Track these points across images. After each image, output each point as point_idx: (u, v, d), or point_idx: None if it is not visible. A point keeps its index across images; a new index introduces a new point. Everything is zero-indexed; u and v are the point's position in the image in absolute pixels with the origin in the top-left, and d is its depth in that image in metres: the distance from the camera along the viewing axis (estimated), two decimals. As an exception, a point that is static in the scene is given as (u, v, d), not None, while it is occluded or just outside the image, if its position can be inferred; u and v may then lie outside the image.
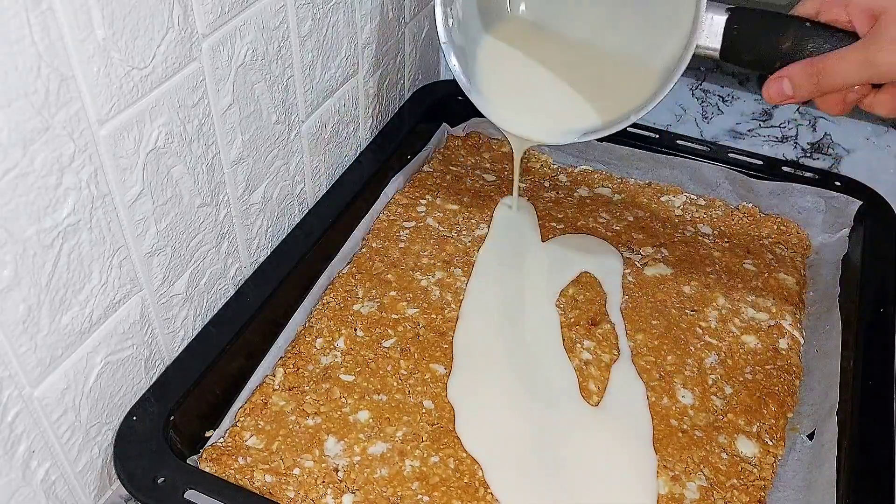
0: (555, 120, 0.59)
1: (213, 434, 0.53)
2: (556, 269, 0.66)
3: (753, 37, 0.49)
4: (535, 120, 0.60)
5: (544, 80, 0.60)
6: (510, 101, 0.61)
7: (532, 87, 0.61)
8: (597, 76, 0.60)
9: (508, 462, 0.52)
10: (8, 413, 0.43)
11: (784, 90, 0.48)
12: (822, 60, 0.47)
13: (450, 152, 0.79)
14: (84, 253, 0.45)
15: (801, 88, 0.48)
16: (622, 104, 0.56)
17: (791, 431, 0.55)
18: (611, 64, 0.59)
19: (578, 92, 0.59)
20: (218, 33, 0.50)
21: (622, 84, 0.57)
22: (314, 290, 0.62)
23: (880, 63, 0.45)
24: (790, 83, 0.48)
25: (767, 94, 0.49)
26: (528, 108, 0.60)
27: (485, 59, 0.61)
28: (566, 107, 0.59)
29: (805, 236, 0.71)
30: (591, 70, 0.60)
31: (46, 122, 0.39)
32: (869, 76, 0.46)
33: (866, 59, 0.45)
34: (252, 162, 0.58)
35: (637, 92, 0.55)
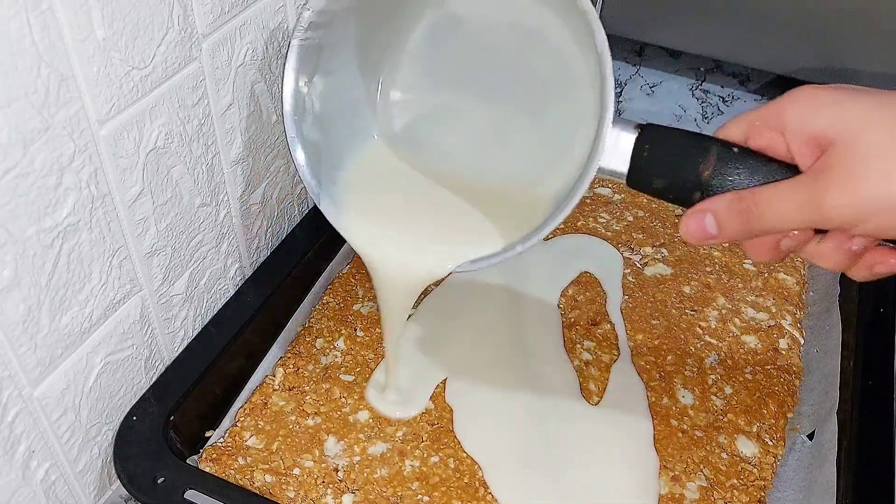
0: (432, 250, 0.49)
1: (213, 434, 0.53)
2: (556, 269, 0.66)
3: (667, 161, 0.40)
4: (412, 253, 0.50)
5: (420, 206, 0.51)
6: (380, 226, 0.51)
7: (406, 214, 0.51)
8: (485, 203, 0.51)
9: (508, 462, 0.52)
10: (8, 413, 0.43)
11: (706, 228, 0.39)
12: (753, 195, 0.37)
13: (450, 152, 0.79)
14: (84, 253, 0.45)
15: (726, 228, 0.38)
16: (512, 231, 0.48)
17: (791, 431, 0.55)
18: (501, 187, 0.51)
19: (463, 219, 0.50)
20: (218, 33, 0.50)
21: (513, 211, 0.49)
22: (314, 290, 0.62)
23: (827, 205, 0.35)
24: (713, 220, 0.38)
25: (686, 230, 0.39)
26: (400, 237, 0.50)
27: (346, 182, 0.52)
28: (450, 236, 0.50)
29: (805, 236, 0.71)
30: (477, 196, 0.51)
31: (46, 122, 0.39)
32: (812, 220, 0.36)
33: (810, 200, 0.35)
34: (252, 162, 0.58)
35: (529, 218, 0.46)
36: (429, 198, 0.51)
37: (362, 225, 0.50)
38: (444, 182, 0.52)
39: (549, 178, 0.48)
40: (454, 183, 0.52)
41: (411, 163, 0.53)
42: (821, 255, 0.38)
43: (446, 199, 0.51)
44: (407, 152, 0.53)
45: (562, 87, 0.49)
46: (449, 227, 0.50)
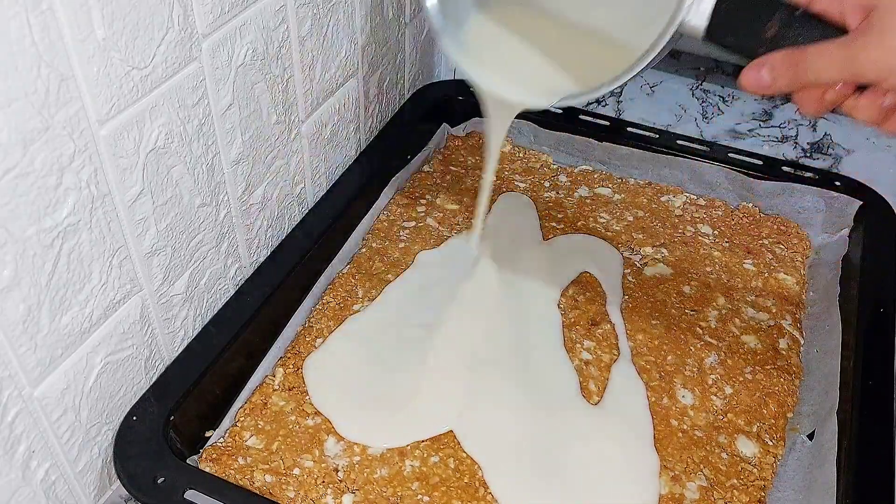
0: (533, 84, 0.56)
1: (213, 434, 0.53)
2: (556, 269, 0.66)
3: (740, 20, 0.47)
4: (514, 82, 0.57)
5: (527, 49, 0.58)
6: (490, 63, 0.57)
7: (513, 55, 0.58)
8: (580, 50, 0.57)
9: (508, 462, 0.52)
10: (8, 413, 0.43)
11: (762, 78, 0.45)
12: (802, 51, 0.43)
13: (450, 152, 0.79)
14: (84, 253, 0.45)
15: (778, 79, 0.44)
16: (603, 74, 0.53)
17: (791, 431, 0.55)
18: (595, 39, 0.57)
19: (560, 62, 0.57)
20: (218, 33, 0.50)
21: (605, 57, 0.55)
22: (314, 290, 0.62)
23: (863, 61, 0.40)
24: (768, 72, 0.44)
25: (745, 81, 0.45)
26: (506, 71, 0.57)
27: (469, 23, 0.58)
28: (546, 73, 0.56)
29: (805, 236, 0.71)
30: (574, 45, 0.57)
31: (46, 122, 0.39)
32: (850, 74, 0.41)
33: (848, 56, 0.41)
34: (252, 162, 0.59)
35: (618, 63, 0.52)
36: (536, 41, 0.57)
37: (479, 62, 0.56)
38: (552, 28, 0.57)
39: (641, 34, 0.52)
40: (560, 29, 0.57)
41: (521, 18, 0.58)
42: (857, 109, 0.43)
43: (552, 42, 0.57)
44: (518, 10, 0.58)
45: None
46: (550, 65, 0.56)
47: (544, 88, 0.55)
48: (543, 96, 0.54)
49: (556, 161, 0.79)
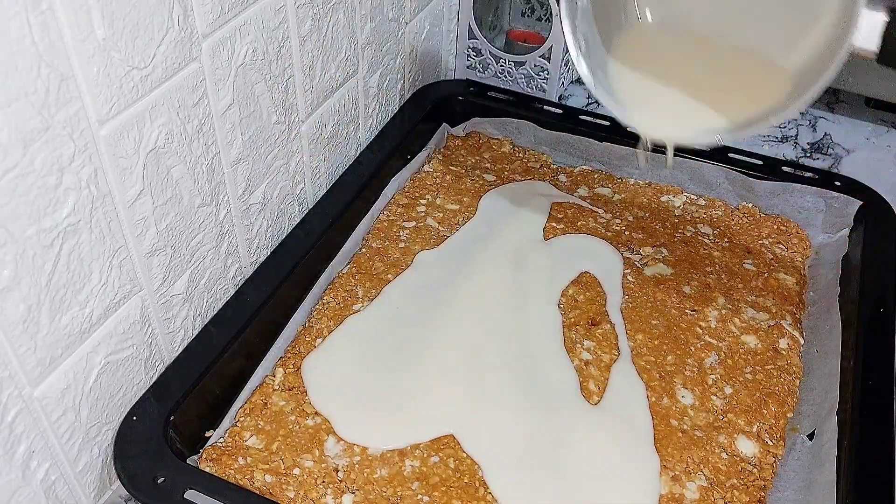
0: (691, 121, 0.55)
1: (213, 434, 0.53)
2: (556, 269, 0.66)
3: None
4: (673, 122, 0.56)
5: (676, 83, 0.56)
6: (645, 105, 0.56)
7: (665, 91, 0.57)
8: (730, 77, 0.56)
9: (508, 462, 0.52)
10: (8, 413, 0.43)
11: None
12: None
13: (450, 152, 0.80)
14: (84, 253, 0.45)
15: None
16: (760, 106, 0.52)
17: (791, 431, 0.55)
18: (745, 63, 0.56)
19: (712, 94, 0.55)
20: (218, 33, 0.50)
21: (758, 85, 0.54)
22: (314, 290, 0.62)
23: None
24: None
25: None
26: (663, 111, 0.56)
27: (613, 65, 0.57)
28: (701, 108, 0.55)
29: (805, 236, 0.71)
30: (724, 71, 0.56)
31: (46, 122, 0.39)
32: None
33: None
34: (252, 162, 0.59)
35: (775, 93, 0.52)
36: (683, 73, 0.56)
37: (634, 109, 0.55)
38: (696, 56, 0.56)
39: (793, 55, 0.52)
40: (704, 57, 0.56)
41: (664, 49, 0.58)
42: None
43: (698, 73, 0.56)
44: (659, 40, 0.58)
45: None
46: (700, 99, 0.55)
47: (701, 127, 0.54)
48: (702, 134, 0.54)
49: (556, 161, 0.79)
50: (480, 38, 0.87)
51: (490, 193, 0.74)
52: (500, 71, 0.89)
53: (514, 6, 0.95)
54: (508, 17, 0.96)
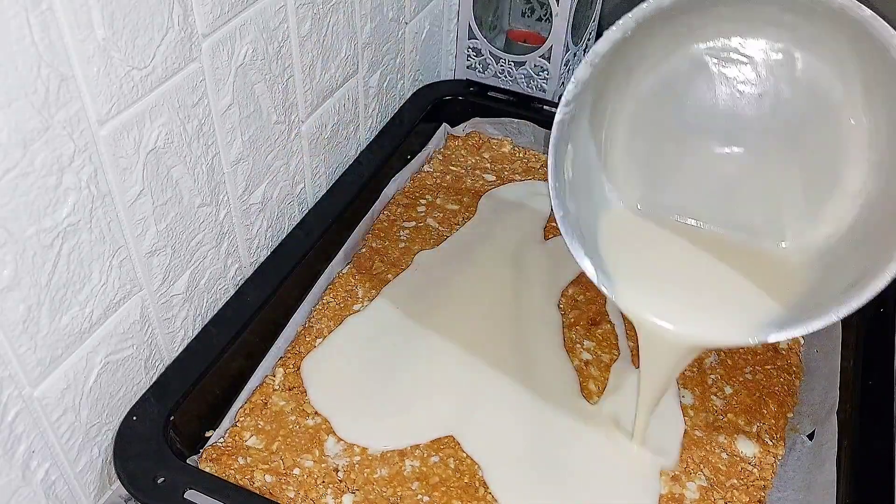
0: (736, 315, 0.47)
1: (213, 434, 0.53)
2: (556, 269, 0.66)
3: None
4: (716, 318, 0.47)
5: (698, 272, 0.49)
6: (654, 292, 0.48)
7: (691, 279, 0.49)
8: (743, 257, 0.49)
9: (508, 462, 0.52)
10: (8, 413, 0.43)
11: None
12: None
13: (450, 152, 0.80)
14: (84, 253, 0.45)
15: None
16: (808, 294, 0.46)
17: (791, 431, 0.55)
18: (756, 241, 0.49)
19: (748, 283, 0.48)
20: (218, 33, 0.50)
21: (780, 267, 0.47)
22: (314, 290, 0.62)
23: None
24: None
25: None
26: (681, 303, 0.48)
27: (611, 252, 0.50)
28: (732, 299, 0.48)
29: (805, 236, 0.71)
30: (731, 250, 0.49)
31: (46, 122, 0.39)
32: None
33: None
34: (252, 162, 0.59)
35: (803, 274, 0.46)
36: (691, 261, 0.50)
37: (641, 300, 0.48)
38: (698, 241, 0.50)
39: (814, 221, 0.46)
40: (707, 240, 0.50)
41: (659, 224, 0.51)
42: None
43: (706, 260, 0.49)
44: (652, 213, 0.51)
45: (815, 117, 0.46)
46: (723, 292, 0.48)
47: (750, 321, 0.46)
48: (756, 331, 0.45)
49: (556, 161, 0.79)
50: (480, 38, 0.87)
51: (490, 193, 0.74)
52: (500, 71, 0.89)
53: (514, 6, 0.95)
54: (508, 17, 0.96)
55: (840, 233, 0.46)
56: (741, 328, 0.45)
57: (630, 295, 0.47)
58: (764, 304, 0.46)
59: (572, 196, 0.48)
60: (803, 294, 0.46)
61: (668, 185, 0.51)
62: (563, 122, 0.46)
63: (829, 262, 0.46)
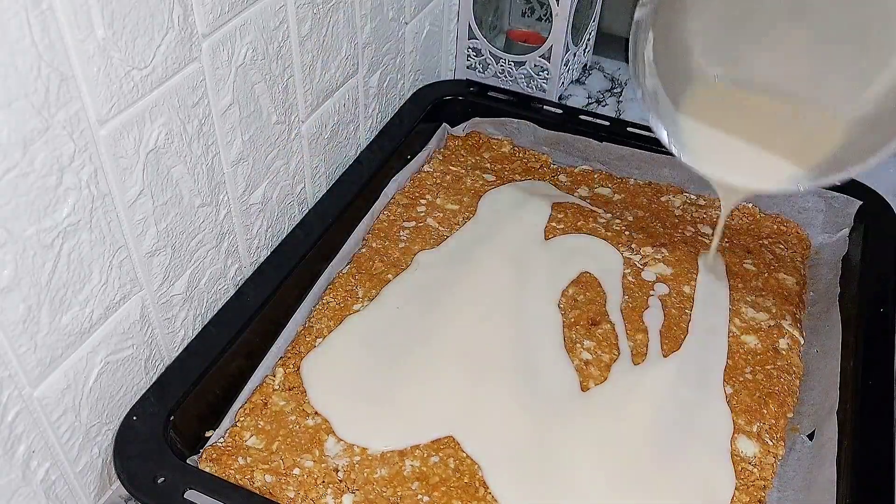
0: (771, 167, 0.55)
1: (213, 434, 0.53)
2: (556, 269, 0.66)
3: None
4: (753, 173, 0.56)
5: (752, 132, 0.56)
6: (722, 154, 0.57)
7: (740, 138, 0.57)
8: (794, 127, 0.56)
9: (508, 462, 0.52)
10: (8, 413, 0.43)
11: None
12: None
13: (450, 152, 0.80)
14: (84, 253, 0.45)
15: None
16: (836, 152, 0.52)
17: (791, 431, 0.55)
18: (806, 113, 0.55)
19: (792, 141, 0.55)
20: (218, 33, 0.50)
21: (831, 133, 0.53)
22: (314, 290, 0.62)
23: None
24: None
25: None
26: (743, 159, 0.56)
27: (686, 118, 0.57)
28: (780, 154, 0.55)
29: (805, 236, 0.71)
30: (788, 122, 0.56)
31: (46, 122, 0.39)
32: None
33: None
34: (252, 162, 0.59)
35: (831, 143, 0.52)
36: (755, 122, 0.56)
37: (706, 164, 0.56)
38: (761, 109, 0.56)
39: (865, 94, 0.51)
40: (768, 109, 0.56)
41: (734, 91, 0.57)
42: None
43: (765, 125, 0.56)
44: (728, 82, 0.57)
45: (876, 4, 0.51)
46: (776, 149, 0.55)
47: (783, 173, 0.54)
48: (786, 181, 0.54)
49: (555, 161, 0.79)
50: (480, 38, 0.88)
51: (490, 193, 0.74)
52: (500, 71, 0.89)
53: (514, 6, 0.95)
54: (508, 17, 0.96)
55: (883, 102, 0.51)
56: (779, 179, 0.54)
57: (696, 159, 0.56)
58: (803, 160, 0.53)
59: (651, 74, 0.55)
60: (839, 154, 0.52)
61: (741, 59, 0.57)
62: (641, 19, 0.53)
63: (864, 132, 0.51)
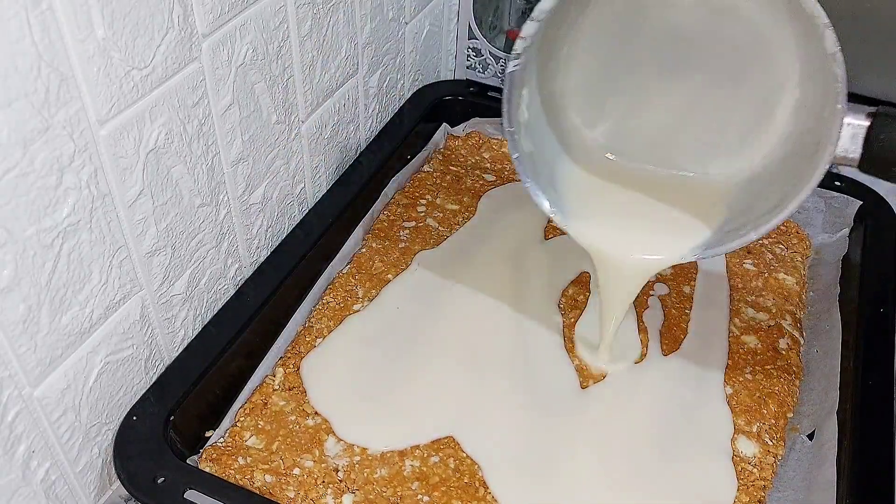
0: (661, 238, 0.53)
1: (213, 434, 0.53)
2: (556, 269, 0.66)
3: None
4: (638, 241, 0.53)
5: (637, 202, 0.54)
6: (601, 223, 0.54)
7: (626, 209, 0.54)
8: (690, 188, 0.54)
9: (508, 462, 0.52)
10: (8, 413, 0.43)
11: None
12: None
13: (450, 152, 0.80)
14: (84, 253, 0.45)
15: None
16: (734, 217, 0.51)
17: (791, 431, 0.55)
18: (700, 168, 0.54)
19: (683, 209, 0.53)
20: (218, 33, 0.50)
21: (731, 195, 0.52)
22: (314, 290, 0.62)
23: None
24: None
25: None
26: (625, 229, 0.54)
27: (567, 186, 0.54)
28: (670, 224, 0.53)
29: (805, 236, 0.71)
30: (681, 183, 0.54)
31: (46, 122, 0.39)
32: None
33: None
34: (252, 162, 0.59)
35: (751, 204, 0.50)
36: (640, 191, 0.54)
37: (593, 229, 0.54)
38: (648, 172, 0.55)
39: (750, 152, 0.51)
40: (656, 172, 0.55)
41: (616, 161, 0.55)
42: None
43: (655, 188, 0.54)
44: (603, 148, 0.56)
45: (754, 57, 0.50)
46: (666, 218, 0.53)
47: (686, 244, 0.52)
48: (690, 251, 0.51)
49: (556, 161, 0.79)
50: (480, 38, 0.87)
51: (490, 193, 0.74)
52: (500, 71, 0.89)
53: (514, 6, 0.95)
54: (508, 17, 0.96)
55: (766, 165, 0.51)
56: (675, 250, 0.52)
57: (581, 227, 0.53)
58: (696, 230, 0.52)
59: (528, 136, 0.52)
60: (730, 220, 0.51)
61: (617, 122, 0.55)
62: (514, 73, 0.48)
63: (754, 191, 0.51)
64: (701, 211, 0.53)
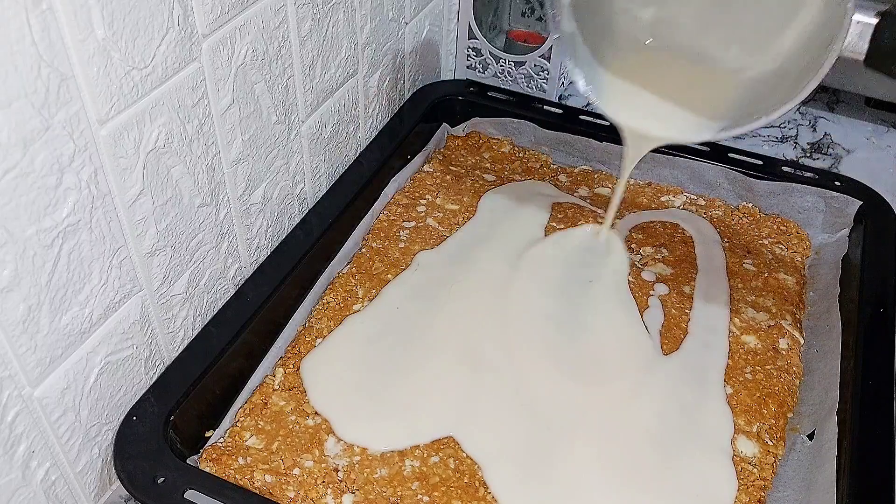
0: (683, 119, 0.57)
1: (213, 434, 0.53)
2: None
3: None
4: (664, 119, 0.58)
5: (666, 88, 0.58)
6: (636, 104, 0.58)
7: (654, 92, 0.58)
8: (720, 80, 0.57)
9: (508, 462, 0.52)
10: (8, 413, 0.43)
11: None
12: None
13: (450, 152, 0.80)
14: (84, 253, 0.45)
15: None
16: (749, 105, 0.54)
17: (791, 431, 0.55)
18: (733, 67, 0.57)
19: (703, 96, 0.57)
20: (218, 33, 0.50)
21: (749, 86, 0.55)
22: (314, 290, 0.62)
23: None
24: None
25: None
26: (653, 109, 0.58)
27: (604, 67, 0.58)
28: (691, 108, 0.57)
29: (805, 236, 0.71)
30: (713, 75, 0.57)
31: (46, 122, 0.39)
32: None
33: None
34: (252, 162, 0.59)
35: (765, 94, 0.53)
36: (670, 77, 0.58)
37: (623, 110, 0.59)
38: (682, 64, 0.58)
39: (773, 49, 0.53)
40: (688, 58, 0.57)
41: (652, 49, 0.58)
42: None
43: (684, 76, 0.58)
44: (646, 31, 0.58)
45: None
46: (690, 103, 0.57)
47: (692, 123, 0.56)
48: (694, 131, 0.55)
49: (555, 161, 0.79)
50: (480, 38, 0.87)
51: (490, 193, 0.74)
52: (500, 71, 0.89)
53: (514, 6, 0.95)
54: (508, 17, 0.96)
55: (783, 60, 0.53)
56: (692, 130, 0.56)
57: (612, 106, 0.58)
58: (715, 115, 0.55)
59: (569, 19, 0.56)
60: (746, 108, 0.54)
61: (660, 7, 0.58)
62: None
63: (771, 84, 0.53)
64: (722, 99, 0.56)
